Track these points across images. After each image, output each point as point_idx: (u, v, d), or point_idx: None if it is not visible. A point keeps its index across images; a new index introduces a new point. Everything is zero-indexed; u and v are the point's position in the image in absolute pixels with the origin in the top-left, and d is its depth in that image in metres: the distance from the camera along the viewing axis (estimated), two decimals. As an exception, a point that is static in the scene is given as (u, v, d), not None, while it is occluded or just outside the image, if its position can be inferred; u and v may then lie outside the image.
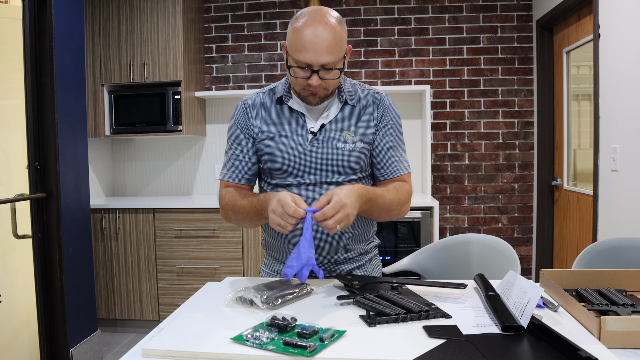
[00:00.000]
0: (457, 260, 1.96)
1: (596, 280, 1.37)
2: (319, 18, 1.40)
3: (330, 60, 1.40)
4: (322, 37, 1.38)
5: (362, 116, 1.57)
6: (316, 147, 1.52)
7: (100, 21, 3.79)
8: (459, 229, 4.10)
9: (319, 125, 1.54)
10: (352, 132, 1.54)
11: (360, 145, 1.54)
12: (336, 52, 1.40)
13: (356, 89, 1.61)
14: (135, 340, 3.53)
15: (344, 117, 1.55)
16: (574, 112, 3.51)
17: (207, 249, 3.58)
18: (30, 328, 2.88)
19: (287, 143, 1.54)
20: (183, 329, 1.14)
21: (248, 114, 1.59)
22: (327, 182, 1.53)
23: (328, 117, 1.55)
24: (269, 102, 1.59)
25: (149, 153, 4.28)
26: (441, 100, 4.06)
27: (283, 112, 1.57)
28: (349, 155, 1.53)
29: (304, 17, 1.41)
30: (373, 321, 1.16)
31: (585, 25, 3.20)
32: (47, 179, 2.79)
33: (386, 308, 1.19)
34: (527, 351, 1.00)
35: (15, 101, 2.83)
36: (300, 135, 1.54)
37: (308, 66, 1.40)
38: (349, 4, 4.08)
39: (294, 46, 1.40)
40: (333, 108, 1.55)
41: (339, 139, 1.53)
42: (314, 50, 1.38)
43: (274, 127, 1.56)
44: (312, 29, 1.38)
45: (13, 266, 2.93)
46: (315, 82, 1.41)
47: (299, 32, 1.39)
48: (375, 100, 1.59)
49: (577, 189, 3.41)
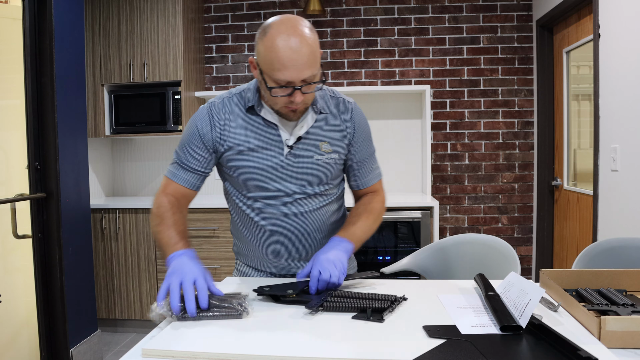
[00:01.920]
0: (457, 260, 1.96)
1: (596, 280, 1.37)
2: (291, 30, 1.28)
3: (312, 74, 1.31)
4: (300, 52, 1.27)
5: (335, 125, 1.51)
6: (293, 159, 1.47)
7: (100, 21, 3.79)
8: (459, 229, 4.10)
9: (295, 138, 1.46)
10: (328, 143, 1.50)
11: (336, 156, 1.51)
12: (315, 63, 1.31)
13: (326, 95, 1.53)
14: (135, 340, 3.53)
15: (318, 128, 1.48)
16: (574, 112, 3.51)
17: (207, 249, 3.58)
18: (30, 328, 2.88)
19: (261, 157, 1.46)
20: (183, 329, 1.14)
21: (213, 122, 1.47)
22: (301, 192, 1.50)
23: (303, 128, 1.46)
24: (239, 109, 1.48)
25: (149, 153, 4.28)
26: (441, 100, 4.06)
27: (255, 123, 1.46)
28: (325, 167, 1.50)
29: (274, 30, 1.29)
30: (376, 317, 1.17)
31: (585, 25, 3.20)
32: (47, 179, 2.79)
33: (364, 303, 1.23)
34: (527, 351, 1.00)
35: (15, 101, 2.83)
36: (275, 147, 1.46)
37: (288, 84, 1.31)
38: (349, 4, 4.08)
39: (270, 65, 1.29)
40: (308, 118, 1.47)
41: (316, 151, 1.48)
42: (294, 66, 1.28)
43: (246, 138, 1.46)
44: (288, 44, 1.27)
45: (13, 266, 2.94)
46: (299, 99, 1.33)
47: (273, 49, 1.27)
48: (345, 110, 1.53)
49: (577, 189, 3.41)
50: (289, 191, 1.49)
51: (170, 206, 1.48)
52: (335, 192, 1.60)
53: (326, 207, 1.57)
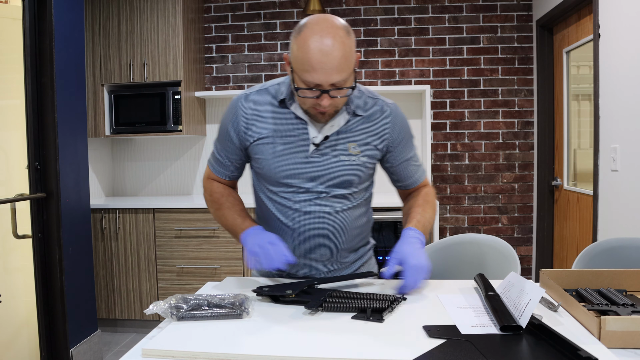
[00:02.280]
0: (457, 260, 1.96)
1: (596, 280, 1.37)
2: (325, 31, 1.26)
3: (341, 79, 1.28)
4: (331, 55, 1.25)
5: (370, 128, 1.47)
6: (318, 158, 1.44)
7: (100, 21, 3.79)
8: (459, 229, 4.10)
9: (323, 136, 1.43)
10: (357, 145, 1.46)
11: (365, 159, 1.47)
12: (347, 68, 1.28)
13: (364, 96, 1.50)
14: (135, 340, 3.53)
15: (350, 129, 1.45)
16: (574, 112, 3.51)
17: (207, 249, 3.58)
18: (30, 328, 2.88)
19: (286, 151, 1.45)
20: (183, 329, 1.14)
21: (241, 114, 1.49)
22: (324, 192, 1.47)
23: (333, 127, 1.44)
24: (270, 102, 1.47)
25: (149, 153, 4.28)
26: (441, 100, 4.06)
27: (285, 116, 1.45)
28: (351, 169, 1.46)
29: (309, 30, 1.27)
30: (375, 317, 1.17)
31: (585, 25, 3.20)
32: (47, 179, 2.79)
33: (364, 304, 1.23)
34: (527, 351, 1.00)
35: (15, 101, 2.83)
36: (301, 144, 1.44)
37: (317, 86, 1.29)
38: (349, 4, 4.08)
39: (300, 65, 1.28)
40: (339, 118, 1.44)
41: (343, 152, 1.45)
42: (322, 69, 1.25)
43: (273, 131, 1.45)
44: (320, 46, 1.24)
45: (13, 266, 2.93)
46: (326, 103, 1.31)
47: (304, 49, 1.26)
48: (385, 112, 1.50)
49: (577, 189, 3.41)
50: (310, 189, 1.46)
51: (222, 190, 1.59)
52: (361, 197, 1.55)
53: (349, 211, 1.52)
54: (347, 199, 1.50)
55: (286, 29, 4.14)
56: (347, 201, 1.51)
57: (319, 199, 1.47)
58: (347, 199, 1.51)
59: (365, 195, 1.57)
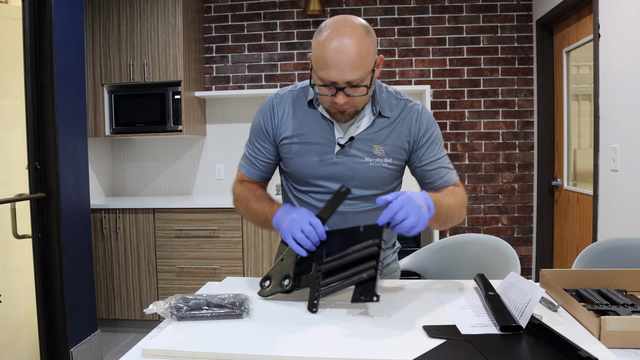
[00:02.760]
0: (457, 260, 1.96)
1: (596, 280, 1.37)
2: (342, 30, 1.28)
3: (356, 77, 1.29)
4: (345, 53, 1.26)
5: (395, 129, 1.47)
6: (342, 158, 1.46)
7: (100, 21, 3.79)
8: (459, 229, 4.10)
9: (348, 137, 1.45)
10: (382, 146, 1.46)
11: (389, 160, 1.47)
12: (362, 67, 1.29)
13: (392, 97, 1.50)
14: (135, 340, 3.53)
15: (375, 130, 1.46)
16: (574, 112, 3.51)
17: (207, 249, 3.58)
18: (30, 328, 2.88)
19: (311, 150, 1.47)
20: (183, 329, 1.14)
21: (273, 113, 1.51)
22: (350, 193, 1.47)
23: (358, 128, 1.45)
24: (299, 102, 1.50)
25: (149, 153, 4.28)
26: (441, 100, 4.06)
27: (312, 116, 1.48)
28: (375, 171, 1.47)
29: (327, 30, 1.29)
30: (368, 296, 1.17)
31: (585, 25, 3.20)
32: (47, 179, 2.79)
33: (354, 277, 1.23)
34: (527, 351, 1.00)
35: (15, 101, 2.83)
36: (327, 144, 1.46)
37: (332, 84, 1.30)
38: (349, 4, 4.08)
39: (317, 62, 1.30)
40: (365, 119, 1.45)
41: (368, 153, 1.45)
42: (337, 67, 1.27)
43: (300, 131, 1.48)
44: (335, 43, 1.26)
45: (13, 266, 2.93)
46: (341, 101, 1.32)
47: (321, 47, 1.28)
48: (412, 113, 1.49)
49: (577, 189, 3.41)
50: (335, 189, 1.48)
51: (248, 188, 1.56)
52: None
53: (372, 212, 1.52)
54: (370, 200, 1.51)
55: (286, 29, 4.14)
56: (370, 202, 1.51)
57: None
58: (370, 201, 1.51)
59: None
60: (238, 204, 1.57)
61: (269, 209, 1.45)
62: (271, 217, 1.42)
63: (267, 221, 1.45)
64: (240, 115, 4.19)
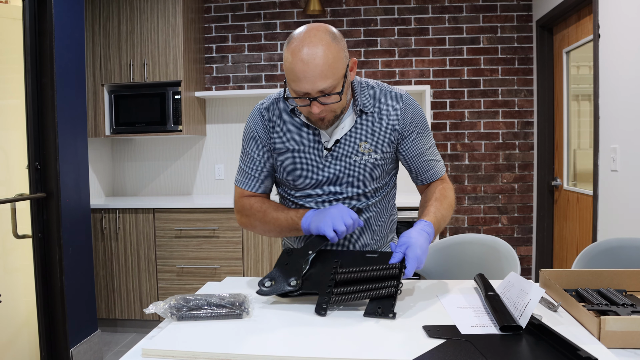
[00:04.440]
0: (457, 260, 1.96)
1: (596, 280, 1.37)
2: (307, 40, 1.28)
3: (327, 85, 1.29)
4: (313, 63, 1.26)
5: (380, 123, 1.47)
6: (331, 161, 1.47)
7: (101, 21, 3.79)
8: (458, 229, 4.10)
9: (334, 140, 1.46)
10: (368, 143, 1.46)
11: (377, 156, 1.48)
12: (332, 74, 1.29)
13: (374, 92, 1.49)
14: (135, 340, 3.53)
15: (359, 128, 1.46)
16: (574, 112, 3.51)
17: (207, 249, 3.58)
18: (31, 328, 2.88)
19: (301, 158, 1.48)
20: (183, 329, 1.14)
21: (265, 122, 1.51)
22: (340, 193, 1.50)
23: (343, 129, 1.46)
24: (285, 110, 1.50)
25: (149, 153, 4.28)
26: (441, 101, 4.06)
27: (298, 124, 1.49)
28: (364, 168, 1.48)
29: (294, 42, 1.30)
30: (386, 312, 1.19)
31: (585, 25, 3.20)
32: (47, 179, 2.79)
33: (371, 291, 1.24)
34: (527, 351, 1.00)
35: (16, 101, 2.83)
36: (315, 149, 1.47)
37: (305, 95, 1.31)
38: (349, 4, 4.08)
39: (288, 75, 1.31)
40: (347, 120, 1.46)
41: (355, 152, 1.46)
42: (306, 78, 1.27)
43: (288, 140, 1.49)
44: (302, 55, 1.26)
45: (13, 266, 2.94)
46: (316, 110, 1.32)
47: (290, 60, 1.29)
48: (395, 103, 1.48)
49: (577, 189, 3.41)
50: (327, 192, 1.50)
51: (260, 201, 1.54)
52: (378, 194, 1.55)
53: (368, 209, 1.53)
54: (363, 197, 1.52)
55: (286, 29, 4.14)
56: (363, 200, 1.52)
57: (336, 201, 1.50)
58: (363, 198, 1.52)
59: (382, 193, 1.57)
60: (251, 218, 1.54)
61: (294, 214, 1.46)
62: (298, 220, 1.43)
63: (292, 224, 1.45)
64: (240, 115, 4.19)
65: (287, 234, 1.51)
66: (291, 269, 1.34)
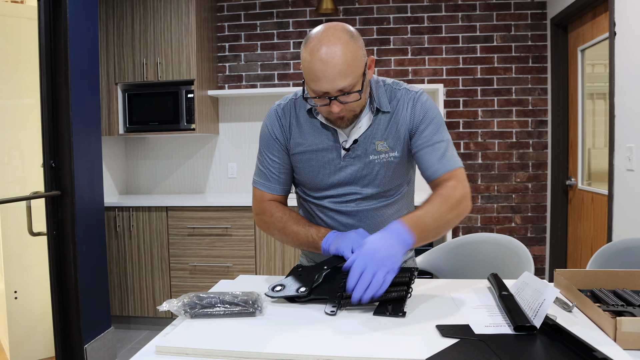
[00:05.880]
0: (470, 259, 1.95)
1: (611, 281, 1.36)
2: (326, 40, 1.27)
3: (347, 84, 1.28)
4: (332, 62, 1.25)
5: (396, 121, 1.45)
6: (349, 161, 1.46)
7: (114, 20, 3.82)
8: (471, 228, 4.08)
9: (352, 140, 1.44)
10: (384, 141, 1.45)
11: (395, 154, 1.46)
12: (351, 73, 1.28)
13: (390, 90, 1.48)
14: (148, 337, 3.55)
15: (375, 127, 1.45)
16: (589, 111, 3.48)
17: (220, 247, 3.60)
18: (45, 324, 2.92)
19: (319, 158, 1.48)
20: (196, 327, 1.15)
21: (282, 123, 1.51)
22: (358, 193, 1.49)
23: (360, 129, 1.44)
24: (302, 111, 1.49)
25: (162, 151, 4.31)
26: (454, 99, 4.04)
27: (315, 125, 1.48)
28: (383, 167, 1.46)
29: (312, 41, 1.29)
30: (395, 311, 1.19)
31: (601, 23, 3.17)
32: (61, 177, 2.82)
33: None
34: (542, 351, 0.99)
35: (31, 100, 2.86)
36: (333, 150, 1.46)
37: (325, 94, 1.30)
38: (361, 3, 4.08)
39: (306, 75, 1.31)
40: (364, 119, 1.44)
41: (372, 151, 1.45)
42: (325, 77, 1.27)
43: (306, 141, 1.48)
44: (320, 55, 1.26)
45: (28, 263, 2.97)
46: (336, 109, 1.32)
47: (308, 60, 1.28)
48: (408, 100, 1.46)
49: (591, 189, 3.38)
50: (345, 192, 1.49)
51: (281, 210, 1.53)
52: (397, 193, 1.54)
53: (383, 209, 1.52)
54: (382, 197, 1.51)
55: (299, 28, 4.14)
56: (382, 199, 1.52)
57: (355, 200, 1.50)
58: (382, 197, 1.51)
59: (401, 192, 1.56)
60: (271, 226, 1.53)
61: (314, 231, 1.45)
62: (319, 240, 1.42)
63: (312, 242, 1.44)
64: (253, 114, 4.20)
65: (305, 249, 1.51)
66: (304, 278, 1.35)
